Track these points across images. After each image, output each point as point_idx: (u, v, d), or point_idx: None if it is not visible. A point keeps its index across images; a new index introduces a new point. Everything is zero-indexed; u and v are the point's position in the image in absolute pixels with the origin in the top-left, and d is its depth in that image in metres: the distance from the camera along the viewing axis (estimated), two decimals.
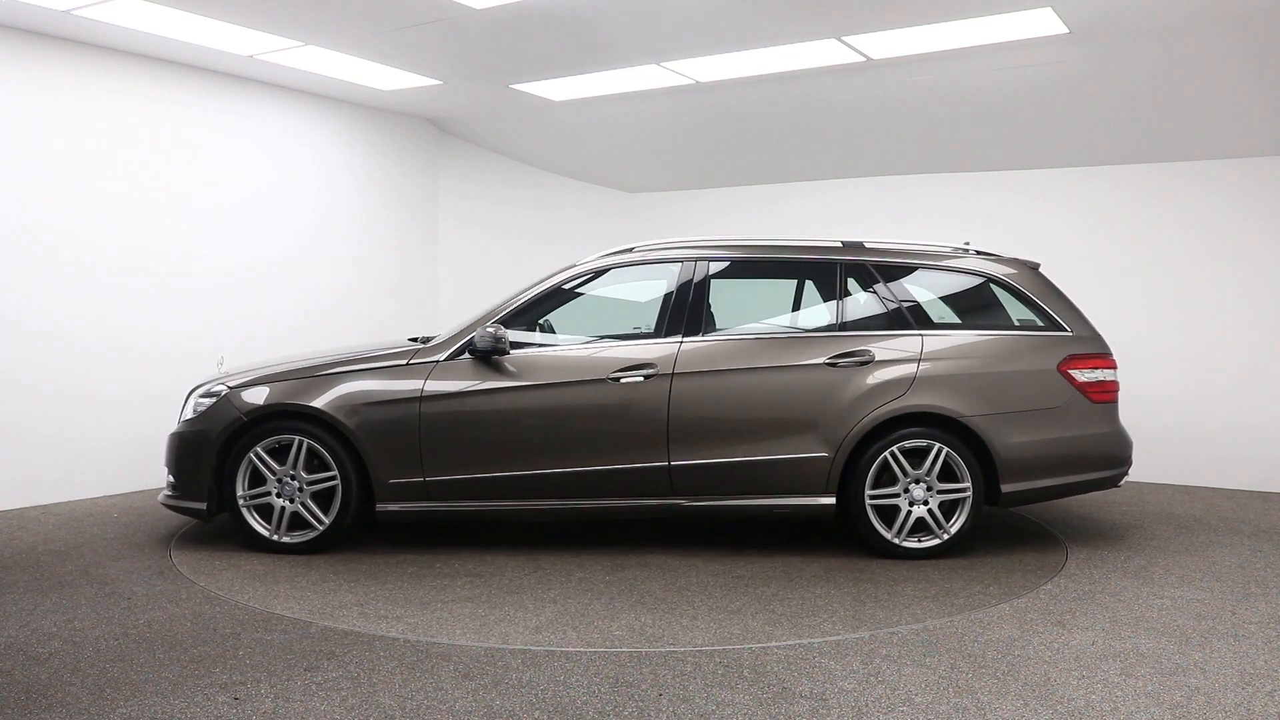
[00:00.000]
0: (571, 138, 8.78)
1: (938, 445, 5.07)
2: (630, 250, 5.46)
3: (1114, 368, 5.34)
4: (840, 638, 3.90)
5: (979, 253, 5.51)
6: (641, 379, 5.11)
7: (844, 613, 4.22)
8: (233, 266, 7.28)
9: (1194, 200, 7.34)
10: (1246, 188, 7.15)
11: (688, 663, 3.61)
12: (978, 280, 5.44)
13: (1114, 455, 5.32)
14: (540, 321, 5.54)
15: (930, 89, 6.82)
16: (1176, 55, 6.01)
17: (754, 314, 5.69)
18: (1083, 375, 5.21)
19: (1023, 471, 5.13)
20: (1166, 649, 3.79)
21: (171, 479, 5.32)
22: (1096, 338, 5.35)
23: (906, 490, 5.10)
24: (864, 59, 6.32)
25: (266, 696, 3.28)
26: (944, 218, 8.07)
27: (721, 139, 8.37)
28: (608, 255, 5.47)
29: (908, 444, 5.08)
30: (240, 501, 5.16)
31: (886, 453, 5.07)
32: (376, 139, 8.26)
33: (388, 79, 7.17)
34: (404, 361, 5.21)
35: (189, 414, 5.34)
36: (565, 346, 5.35)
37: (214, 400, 5.25)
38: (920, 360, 5.15)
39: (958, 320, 5.43)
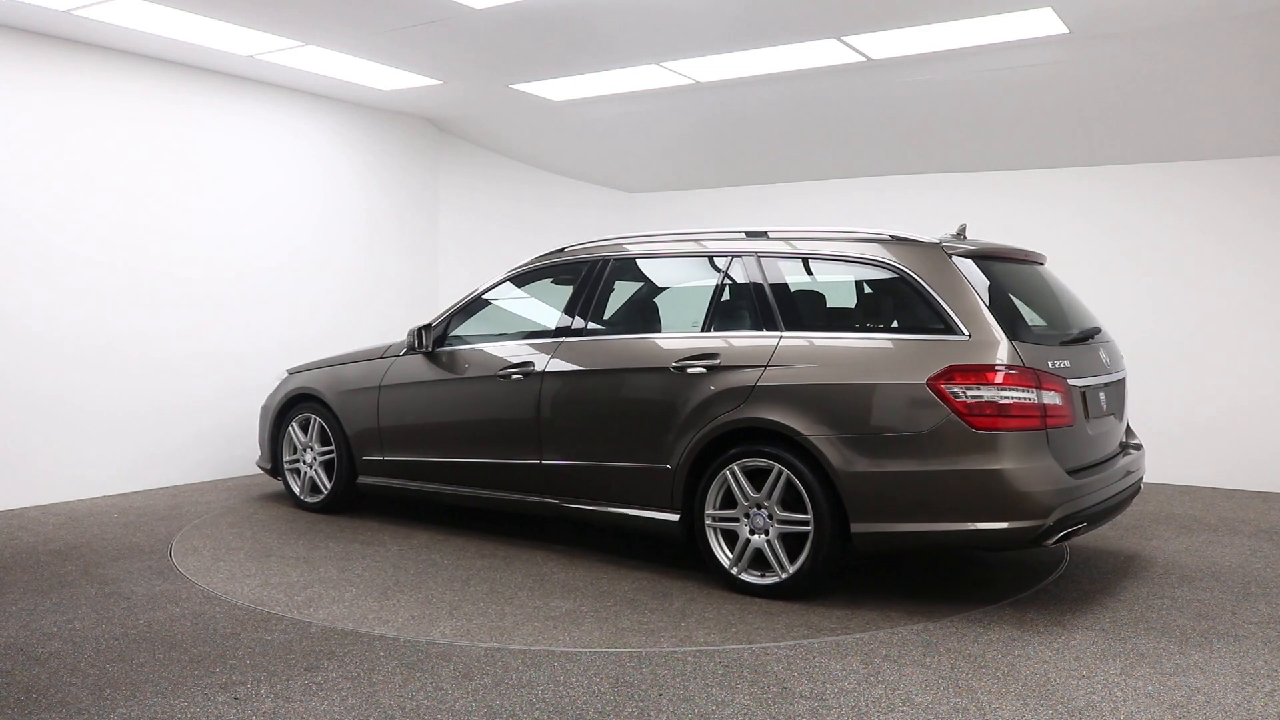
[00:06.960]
0: (571, 138, 8.77)
1: (777, 467, 4.35)
2: (561, 251, 5.54)
3: (1028, 386, 4.03)
4: (840, 638, 3.90)
5: (894, 237, 4.53)
6: (521, 377, 5.20)
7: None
8: (231, 269, 7.28)
9: (1194, 200, 7.34)
10: (1247, 188, 7.15)
11: (688, 663, 3.61)
12: (877, 273, 4.50)
13: (1015, 503, 3.95)
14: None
15: (930, 89, 6.81)
16: (1176, 55, 6.01)
17: (652, 313, 5.44)
18: (966, 393, 4.01)
19: (873, 510, 4.15)
20: (1166, 649, 3.79)
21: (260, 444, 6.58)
22: (998, 344, 4.06)
23: (747, 515, 4.44)
24: (864, 59, 6.32)
25: (266, 696, 3.28)
26: (944, 218, 8.05)
27: (721, 139, 8.37)
28: (542, 256, 5.57)
29: (749, 463, 4.43)
30: (285, 465, 6.35)
31: (726, 470, 4.48)
32: (377, 139, 8.25)
33: (388, 79, 7.17)
34: (378, 356, 5.99)
35: (270, 391, 6.55)
36: (481, 344, 5.55)
37: (279, 382, 6.50)
38: (766, 366, 4.44)
39: (830, 319, 4.68)
